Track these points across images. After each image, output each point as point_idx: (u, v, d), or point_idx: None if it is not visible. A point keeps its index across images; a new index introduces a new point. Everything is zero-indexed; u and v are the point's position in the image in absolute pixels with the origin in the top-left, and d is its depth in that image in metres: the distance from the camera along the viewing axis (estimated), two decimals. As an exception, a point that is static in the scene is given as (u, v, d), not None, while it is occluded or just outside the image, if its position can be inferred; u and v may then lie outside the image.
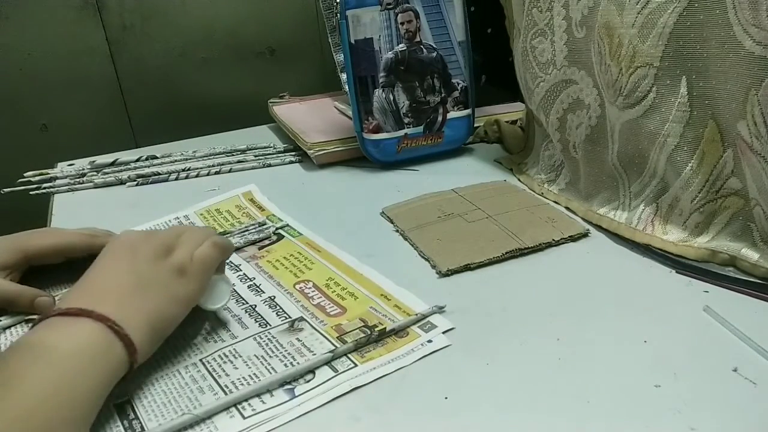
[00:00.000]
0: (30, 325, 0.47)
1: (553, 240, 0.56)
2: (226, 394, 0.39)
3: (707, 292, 0.48)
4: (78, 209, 0.71)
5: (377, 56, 0.72)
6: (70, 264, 0.53)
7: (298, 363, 0.41)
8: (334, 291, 0.50)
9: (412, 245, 0.57)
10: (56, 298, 0.49)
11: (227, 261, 0.55)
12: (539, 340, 0.43)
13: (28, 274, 0.51)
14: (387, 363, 0.41)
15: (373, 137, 0.74)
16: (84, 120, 0.98)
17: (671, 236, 0.53)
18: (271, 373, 0.41)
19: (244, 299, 0.50)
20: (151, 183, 0.76)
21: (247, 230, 0.61)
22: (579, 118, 0.62)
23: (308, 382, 0.40)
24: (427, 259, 0.54)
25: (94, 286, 0.40)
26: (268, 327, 0.46)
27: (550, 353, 0.42)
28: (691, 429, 0.35)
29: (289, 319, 0.47)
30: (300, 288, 0.51)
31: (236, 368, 0.41)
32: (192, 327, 0.46)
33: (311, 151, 0.77)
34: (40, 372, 0.33)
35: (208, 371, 0.41)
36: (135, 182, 0.76)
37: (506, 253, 0.54)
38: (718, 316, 0.44)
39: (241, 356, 0.43)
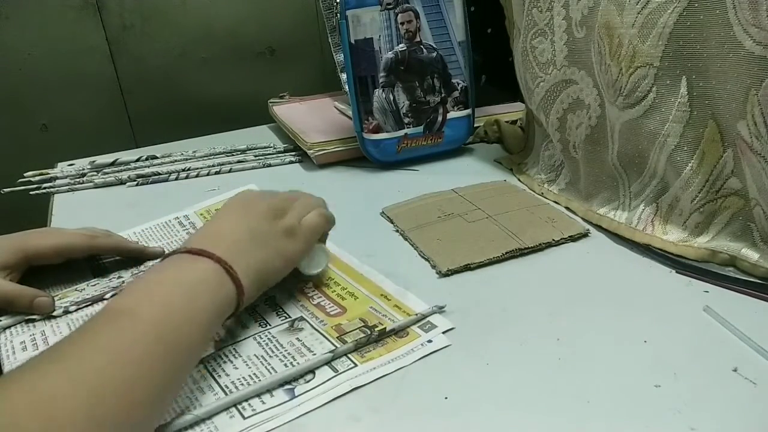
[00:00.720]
0: (30, 325, 0.47)
1: (553, 240, 0.56)
2: (226, 394, 0.39)
3: (707, 292, 0.48)
4: (78, 209, 0.71)
5: (377, 56, 0.72)
6: (70, 264, 0.53)
7: (298, 363, 0.41)
8: (334, 291, 0.50)
9: (412, 245, 0.57)
10: (56, 298, 0.49)
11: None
12: (539, 340, 0.43)
13: (28, 274, 0.51)
14: (387, 363, 0.41)
15: (373, 137, 0.74)
16: (84, 120, 0.98)
17: (671, 236, 0.53)
18: (271, 373, 0.41)
19: (244, 299, 0.50)
20: (151, 183, 0.76)
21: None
22: (579, 118, 0.62)
23: (308, 382, 0.40)
24: (427, 259, 0.54)
25: (214, 234, 0.45)
26: (268, 327, 0.46)
27: (550, 353, 0.42)
28: (691, 429, 0.35)
29: (289, 319, 0.47)
30: (300, 288, 0.51)
31: (236, 368, 0.41)
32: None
33: (311, 151, 0.77)
34: (165, 291, 0.38)
35: (208, 371, 0.41)
36: (135, 182, 0.76)
37: (506, 253, 0.54)
38: (718, 316, 0.44)
39: (241, 356, 0.43)
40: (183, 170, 0.78)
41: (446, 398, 0.38)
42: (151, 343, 0.34)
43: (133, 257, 0.56)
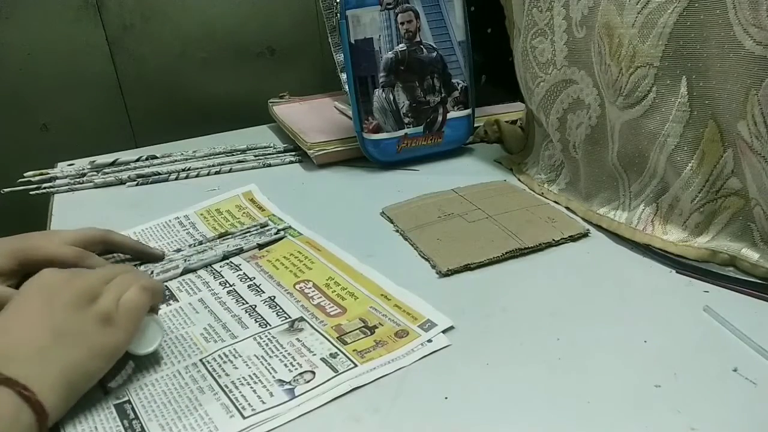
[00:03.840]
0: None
1: (553, 240, 0.56)
2: (226, 394, 0.39)
3: (707, 292, 0.48)
4: (78, 209, 0.71)
5: (377, 56, 0.72)
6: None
7: (298, 363, 0.41)
8: (334, 291, 0.50)
9: (412, 245, 0.57)
10: None
11: (231, 263, 0.55)
12: (539, 340, 0.43)
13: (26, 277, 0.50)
14: (387, 363, 0.41)
15: (373, 137, 0.74)
16: (84, 120, 0.98)
17: (671, 236, 0.53)
18: (271, 373, 0.41)
19: (244, 299, 0.50)
20: (151, 183, 0.76)
21: (249, 232, 0.61)
22: (579, 118, 0.62)
23: (308, 382, 0.40)
24: (427, 259, 0.54)
25: (4, 339, 0.36)
26: (268, 327, 0.46)
27: (550, 353, 0.42)
28: (691, 429, 0.35)
29: (289, 319, 0.47)
30: (300, 288, 0.51)
31: (236, 368, 0.41)
32: (192, 327, 0.46)
33: (311, 151, 0.77)
34: None
35: (208, 371, 0.41)
36: (135, 182, 0.76)
37: (506, 253, 0.54)
38: (718, 316, 0.44)
39: (241, 356, 0.43)
40: (183, 170, 0.78)
41: (446, 398, 0.38)
42: None
43: (135, 257, 0.56)
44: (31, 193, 0.75)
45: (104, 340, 0.38)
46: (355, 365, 0.41)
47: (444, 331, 0.44)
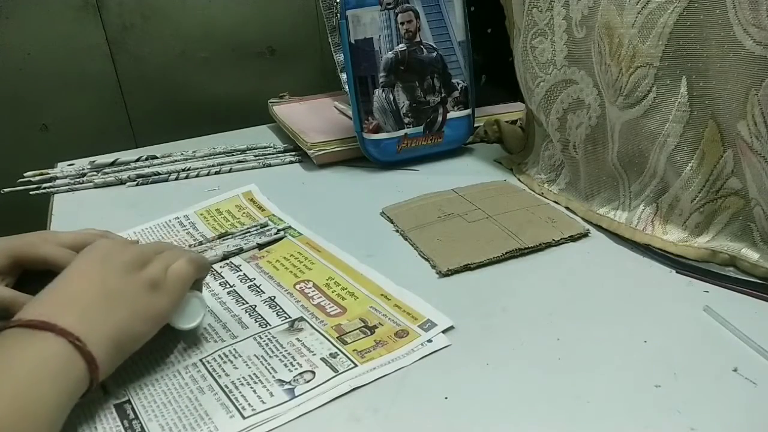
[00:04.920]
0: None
1: (553, 240, 0.56)
2: (226, 394, 0.39)
3: (707, 292, 0.48)
4: (78, 209, 0.71)
5: (377, 56, 0.72)
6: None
7: (298, 363, 0.41)
8: (334, 291, 0.50)
9: (412, 245, 0.57)
10: None
11: (231, 264, 0.55)
12: (539, 340, 0.43)
13: (23, 277, 0.50)
14: (387, 363, 0.41)
15: (373, 137, 0.74)
16: (84, 120, 0.98)
17: (671, 236, 0.53)
18: (271, 373, 0.41)
19: (244, 299, 0.50)
20: (151, 183, 0.76)
21: (249, 232, 0.61)
22: (579, 118, 0.62)
23: (308, 382, 0.40)
24: (427, 259, 0.54)
25: (61, 296, 0.38)
26: (268, 327, 0.46)
27: (550, 353, 0.42)
28: (691, 429, 0.35)
29: (289, 319, 0.47)
30: (300, 288, 0.51)
31: (236, 368, 0.41)
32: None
33: (311, 151, 0.77)
34: None
35: (208, 371, 0.41)
36: (135, 182, 0.76)
37: (506, 253, 0.54)
38: (718, 316, 0.44)
39: (241, 356, 0.43)
40: (183, 170, 0.78)
41: (446, 398, 0.38)
42: None
43: None
44: (31, 193, 0.75)
45: (150, 304, 0.40)
46: (355, 365, 0.41)
47: (444, 331, 0.44)
